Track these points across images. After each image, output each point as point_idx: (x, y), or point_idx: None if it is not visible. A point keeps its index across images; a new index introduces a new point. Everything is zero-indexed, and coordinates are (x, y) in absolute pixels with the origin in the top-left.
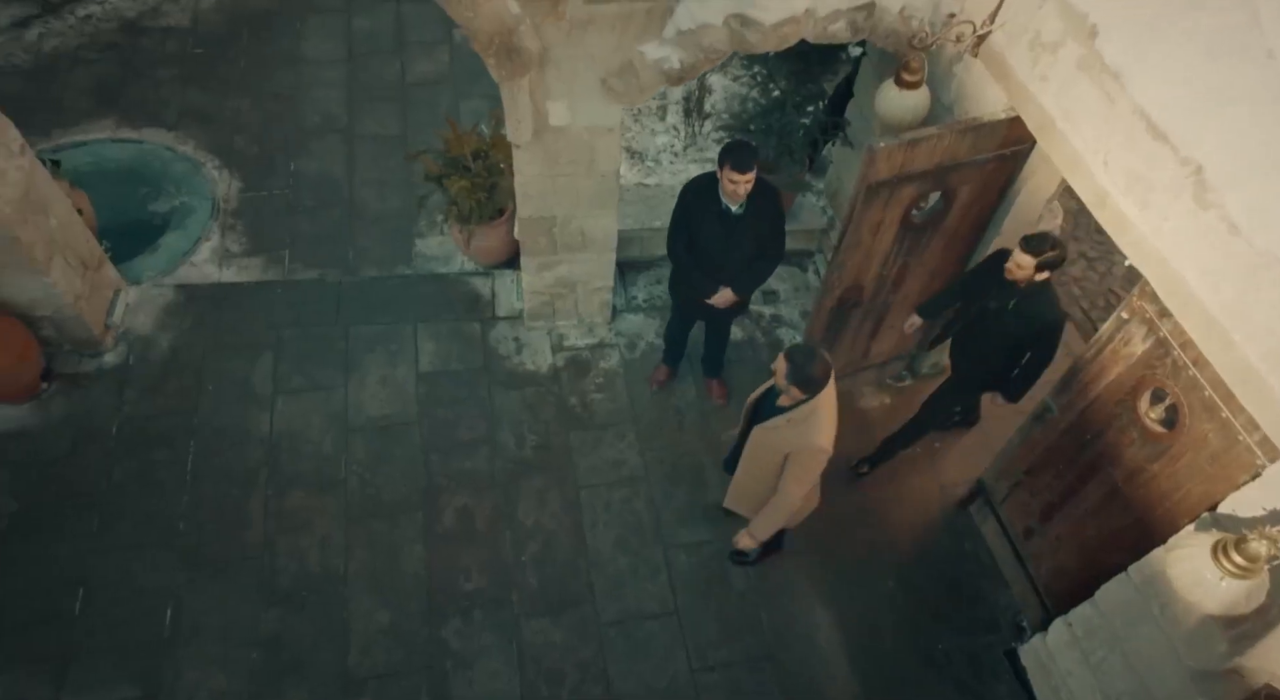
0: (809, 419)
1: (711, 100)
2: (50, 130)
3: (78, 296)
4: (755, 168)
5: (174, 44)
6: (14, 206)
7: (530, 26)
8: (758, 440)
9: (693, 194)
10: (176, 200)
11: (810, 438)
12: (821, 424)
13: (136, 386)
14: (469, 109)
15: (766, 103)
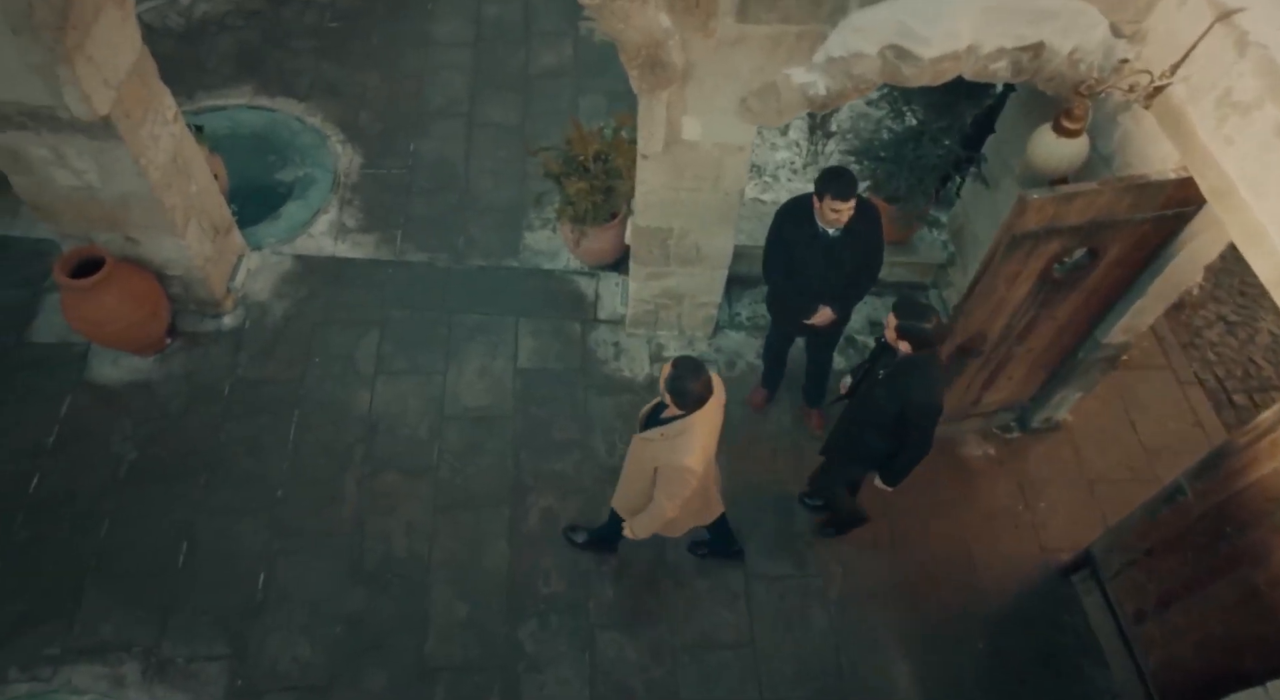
0: (681, 436)
1: (837, 119)
2: (194, 92)
3: (206, 259)
4: (855, 195)
5: (312, 16)
6: (162, 171)
7: (678, 41)
8: (634, 449)
9: (788, 217)
10: (301, 170)
11: (677, 456)
12: (692, 444)
13: (250, 350)
14: (588, 105)
15: (901, 131)
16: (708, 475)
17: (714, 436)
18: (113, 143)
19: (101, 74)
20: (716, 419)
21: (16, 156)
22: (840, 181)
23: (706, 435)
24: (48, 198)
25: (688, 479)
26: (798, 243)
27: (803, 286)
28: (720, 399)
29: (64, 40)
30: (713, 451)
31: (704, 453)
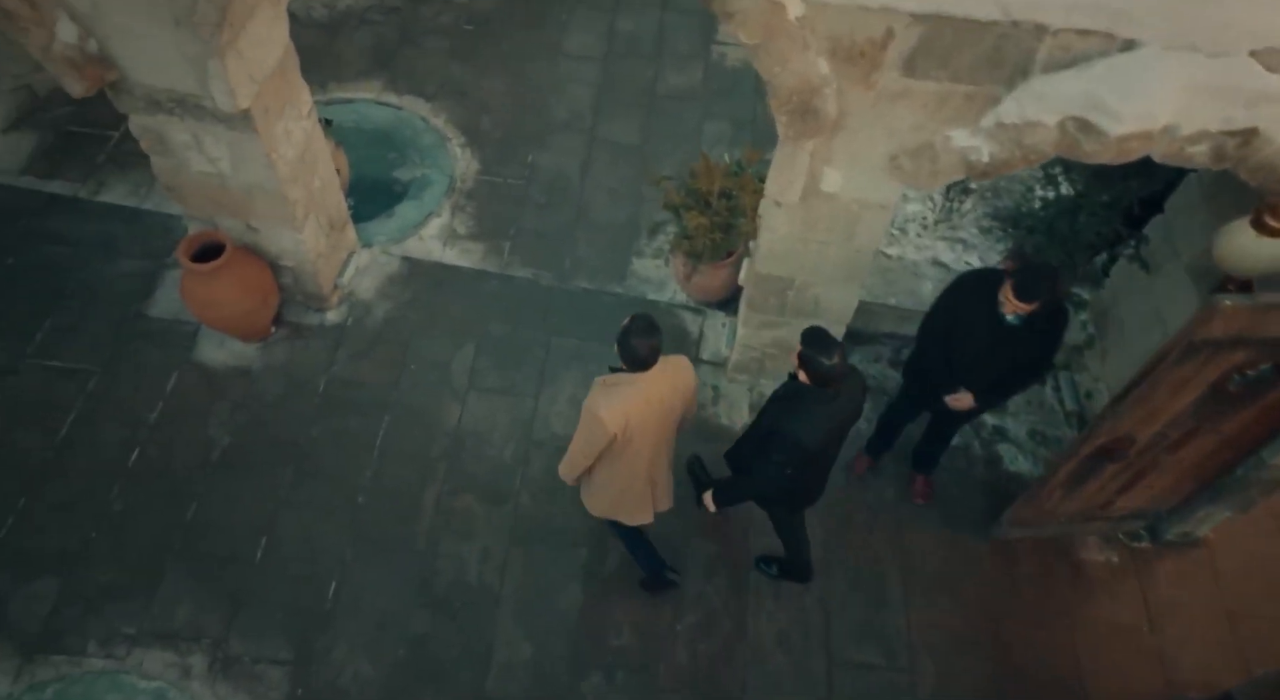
0: (614, 388)
1: None
2: (327, 83)
3: (319, 254)
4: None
5: (449, 17)
6: (290, 166)
7: (834, 90)
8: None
9: (967, 291)
10: (419, 171)
11: (596, 403)
12: (615, 400)
13: (349, 349)
14: (712, 130)
15: (1056, 202)
16: (651, 473)
17: (654, 414)
18: (248, 135)
19: (248, 69)
20: (662, 396)
21: (161, 139)
22: (1027, 282)
23: (640, 403)
24: (181, 180)
25: (595, 429)
26: (970, 321)
27: (957, 366)
28: (675, 382)
29: (219, 36)
30: (651, 435)
31: (626, 418)
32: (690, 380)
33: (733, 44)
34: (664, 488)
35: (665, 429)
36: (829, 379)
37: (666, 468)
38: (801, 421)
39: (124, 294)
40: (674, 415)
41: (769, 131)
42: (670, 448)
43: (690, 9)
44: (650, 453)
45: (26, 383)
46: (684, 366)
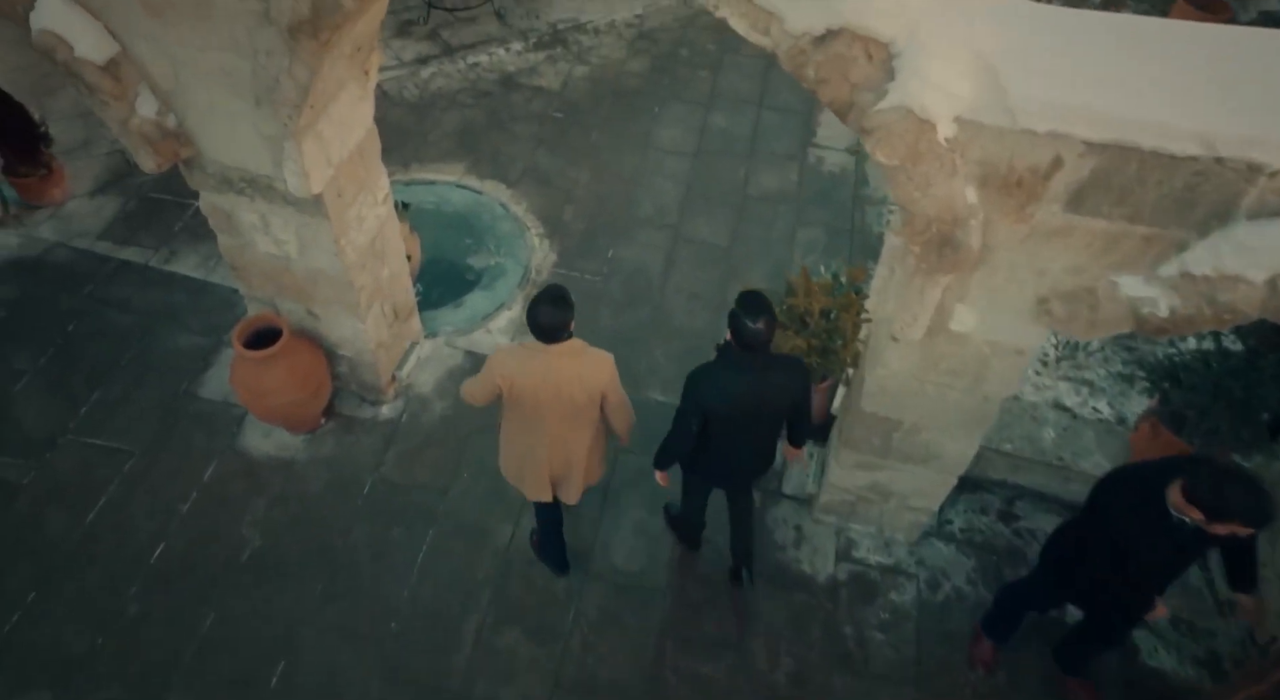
0: (522, 348)
1: None
2: (410, 163)
3: (379, 344)
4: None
5: (539, 103)
6: (359, 253)
7: (981, 222)
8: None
9: (1123, 493)
10: (493, 259)
11: (501, 349)
12: (515, 356)
13: (400, 447)
14: (805, 237)
15: (1220, 355)
16: (555, 455)
17: (550, 393)
18: (318, 219)
19: (326, 152)
20: (563, 380)
21: (229, 218)
22: (1223, 498)
23: (536, 373)
24: (245, 260)
25: (487, 368)
26: (1140, 531)
27: (1136, 576)
28: (583, 374)
29: (298, 117)
30: (551, 414)
31: (514, 378)
32: (600, 379)
33: (832, 148)
34: (573, 482)
35: (569, 416)
36: (749, 343)
37: (580, 462)
38: (711, 379)
39: (178, 370)
40: (575, 406)
41: (866, 243)
42: (586, 443)
43: (788, 108)
44: (552, 432)
45: (65, 460)
46: (600, 364)
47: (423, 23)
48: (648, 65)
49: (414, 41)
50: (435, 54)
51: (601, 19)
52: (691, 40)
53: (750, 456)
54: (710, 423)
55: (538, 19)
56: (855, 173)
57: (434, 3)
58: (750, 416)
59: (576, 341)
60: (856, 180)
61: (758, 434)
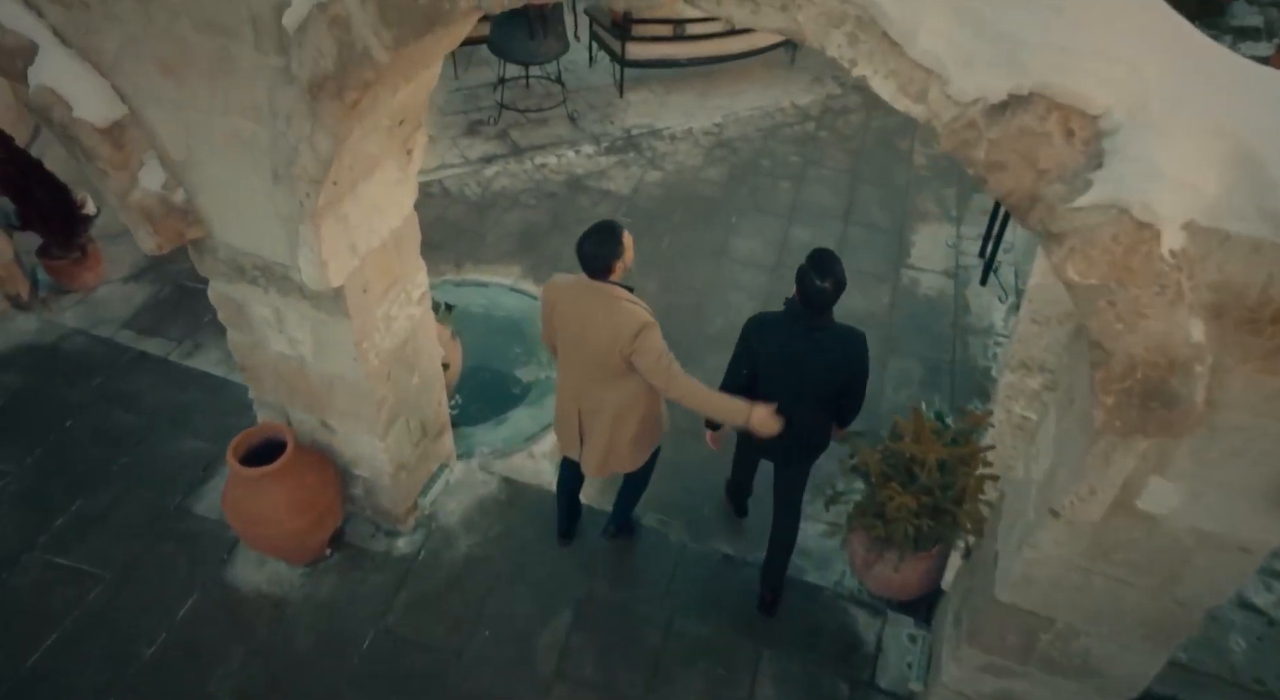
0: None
1: None
2: (464, 263)
3: (401, 466)
4: None
5: (606, 207)
6: (384, 359)
7: (1208, 370)
8: None
9: None
10: (543, 373)
11: None
12: (563, 278)
13: (413, 591)
14: (897, 369)
15: None
16: (580, 406)
17: (578, 328)
18: (337, 317)
19: (350, 238)
20: (595, 320)
21: (240, 311)
22: None
23: (572, 298)
24: (256, 360)
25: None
26: None
27: None
28: (615, 320)
29: (318, 195)
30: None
31: (556, 299)
32: (624, 333)
33: (928, 269)
34: (593, 447)
35: (592, 363)
36: (813, 301)
37: (604, 431)
38: (768, 328)
39: (174, 480)
40: (599, 354)
41: (970, 379)
42: (612, 408)
43: (878, 225)
44: (577, 377)
45: (23, 581)
46: (630, 317)
47: (493, 123)
48: (725, 174)
49: (482, 141)
50: (502, 154)
51: (678, 126)
52: (773, 150)
53: (799, 425)
54: (760, 380)
55: (611, 124)
56: (956, 298)
57: (506, 104)
58: (800, 377)
59: (619, 289)
60: (957, 307)
61: (807, 401)
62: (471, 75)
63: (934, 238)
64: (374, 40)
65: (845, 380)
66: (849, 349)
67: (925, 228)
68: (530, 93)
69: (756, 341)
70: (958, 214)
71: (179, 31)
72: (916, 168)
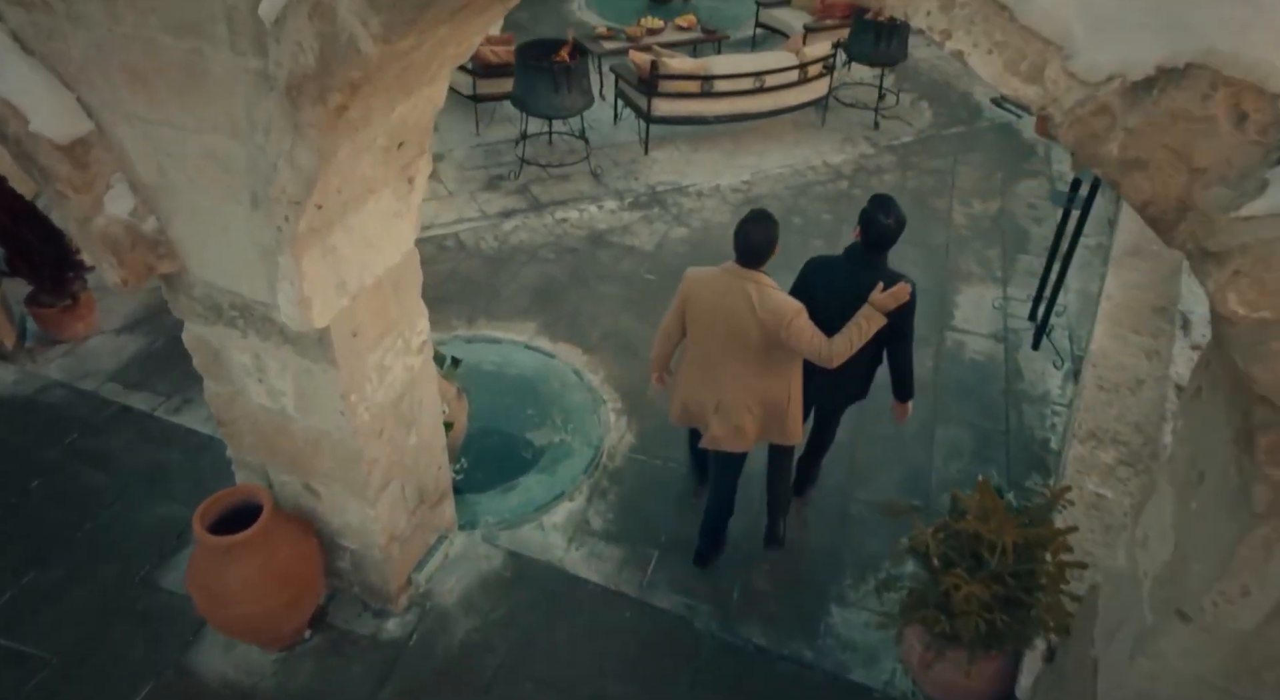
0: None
1: None
2: (476, 318)
3: (394, 537)
4: None
5: (629, 263)
6: (377, 414)
7: None
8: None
9: None
10: (558, 436)
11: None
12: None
13: (401, 683)
14: (947, 439)
15: None
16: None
17: (721, 305)
18: (322, 365)
19: (339, 274)
20: (738, 294)
21: (217, 357)
22: None
23: (712, 282)
24: (235, 413)
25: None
26: None
27: None
28: (760, 300)
29: (298, 219)
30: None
31: (693, 284)
32: (777, 317)
33: (974, 332)
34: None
35: (738, 344)
36: (876, 239)
37: (740, 408)
38: (826, 267)
39: (142, 549)
40: (745, 335)
41: (1027, 451)
42: (748, 385)
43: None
44: (710, 364)
45: None
46: (783, 303)
47: (513, 178)
48: None
49: (501, 195)
50: (522, 208)
51: (705, 183)
52: (804, 209)
53: (849, 367)
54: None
55: (636, 180)
56: (1006, 363)
57: (527, 159)
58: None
59: (766, 277)
60: (1008, 373)
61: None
62: (493, 131)
63: (979, 299)
64: (361, 29)
65: (896, 320)
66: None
67: (969, 289)
68: (553, 149)
69: (815, 280)
70: (1003, 275)
71: (148, 33)
72: (956, 227)
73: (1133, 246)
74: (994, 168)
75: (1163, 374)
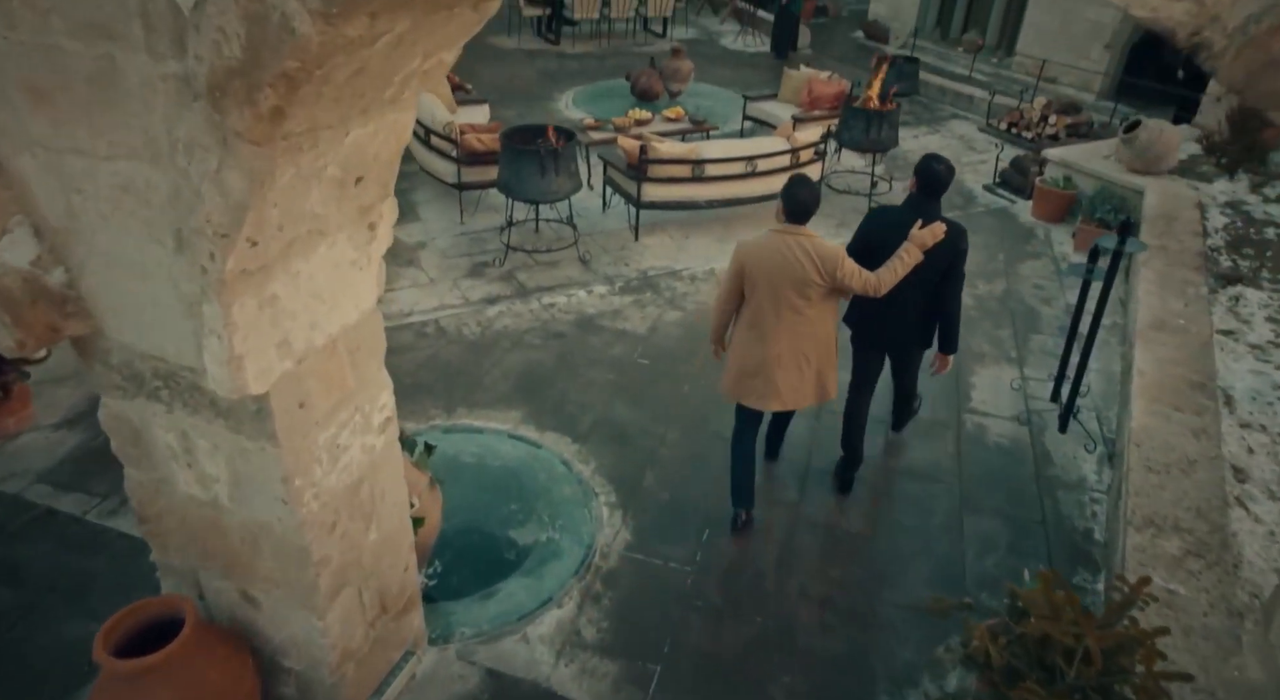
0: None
1: None
2: (455, 408)
3: (348, 655)
4: None
5: (621, 348)
6: (328, 503)
7: None
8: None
9: None
10: (545, 534)
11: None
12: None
13: None
14: (978, 530)
15: None
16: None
17: (779, 261)
18: (260, 443)
19: (281, 330)
20: (795, 249)
21: (139, 438)
22: None
23: (770, 246)
24: (159, 507)
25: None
26: None
27: None
28: (812, 249)
29: (226, 257)
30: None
31: (747, 253)
32: (830, 259)
33: (994, 415)
34: (789, 386)
35: (797, 294)
36: (931, 183)
37: (806, 371)
38: (884, 214)
39: (44, 678)
40: (806, 284)
41: (1069, 542)
42: (808, 338)
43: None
44: (771, 323)
45: None
46: (833, 248)
47: (498, 264)
48: None
49: (485, 282)
50: (507, 295)
51: (699, 267)
52: None
53: (911, 306)
54: (873, 258)
55: (627, 266)
56: (1033, 448)
57: (513, 245)
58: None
59: (812, 231)
60: (1037, 458)
61: (919, 284)
62: (478, 220)
63: (995, 380)
64: (295, 5)
65: (950, 261)
66: (952, 235)
67: (983, 370)
68: (540, 236)
69: (875, 223)
70: (1018, 355)
71: (50, 39)
72: (963, 307)
73: (1156, 321)
74: (995, 250)
75: (1215, 454)
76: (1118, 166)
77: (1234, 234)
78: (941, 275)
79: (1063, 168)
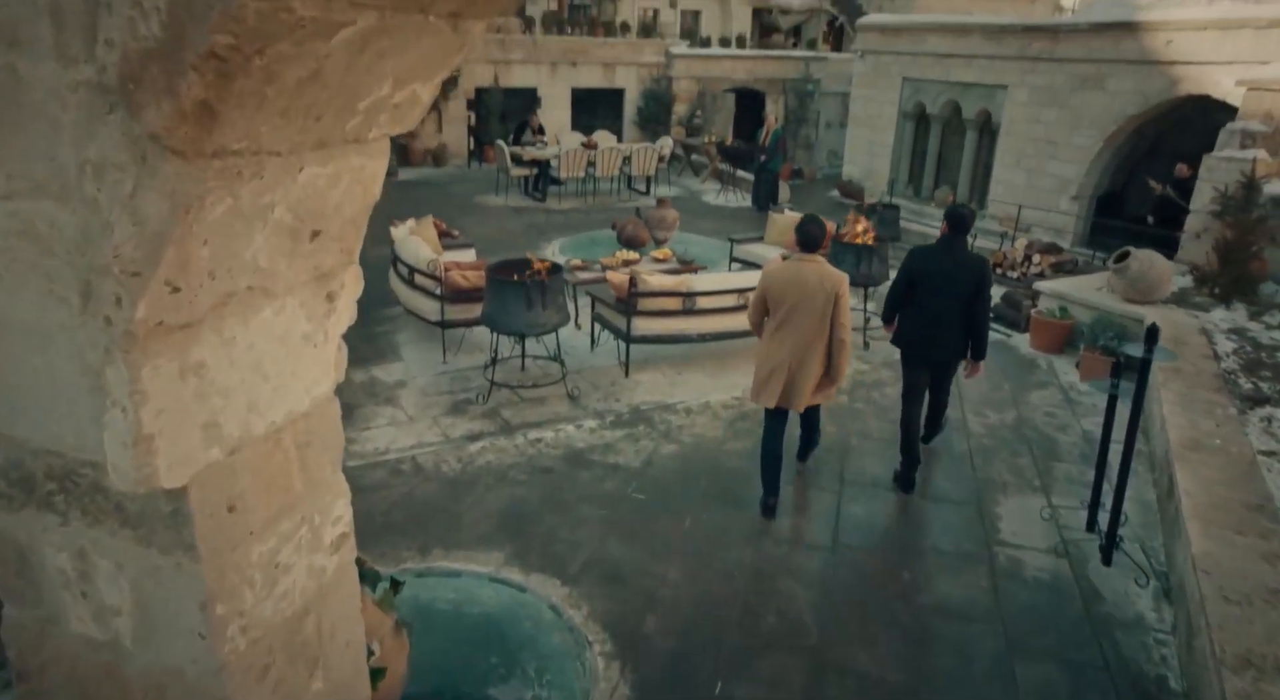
0: (781, 262)
1: None
2: (431, 548)
3: None
4: None
5: (613, 483)
6: (257, 639)
7: None
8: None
9: None
10: (530, 691)
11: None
12: (776, 265)
13: None
14: (1033, 678)
15: None
16: (796, 355)
17: (800, 288)
18: (176, 557)
19: (207, 408)
20: (813, 278)
21: (24, 560)
22: None
23: (792, 274)
24: (46, 654)
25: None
26: None
27: None
28: (823, 275)
29: (136, 300)
30: (801, 308)
31: (772, 279)
32: (836, 282)
33: (1027, 547)
34: (800, 388)
35: (815, 314)
36: (958, 223)
37: (812, 371)
38: (924, 253)
39: None
40: (817, 303)
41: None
42: (821, 350)
43: (947, 497)
44: (794, 339)
45: None
46: (837, 273)
47: (482, 401)
48: (753, 446)
49: (467, 419)
50: (491, 431)
51: (694, 400)
52: None
53: (946, 325)
54: (919, 291)
55: (617, 402)
56: (1079, 583)
57: (498, 382)
58: (950, 285)
59: (822, 258)
60: (1084, 595)
61: (953, 305)
62: (461, 358)
63: (1024, 510)
64: None
65: (978, 284)
66: (976, 264)
67: (1008, 499)
68: (526, 373)
69: (917, 260)
70: (1041, 483)
71: None
72: (976, 436)
73: (1190, 441)
74: (1000, 380)
75: None
76: (1113, 297)
77: (1245, 358)
78: (972, 295)
79: (1057, 299)
